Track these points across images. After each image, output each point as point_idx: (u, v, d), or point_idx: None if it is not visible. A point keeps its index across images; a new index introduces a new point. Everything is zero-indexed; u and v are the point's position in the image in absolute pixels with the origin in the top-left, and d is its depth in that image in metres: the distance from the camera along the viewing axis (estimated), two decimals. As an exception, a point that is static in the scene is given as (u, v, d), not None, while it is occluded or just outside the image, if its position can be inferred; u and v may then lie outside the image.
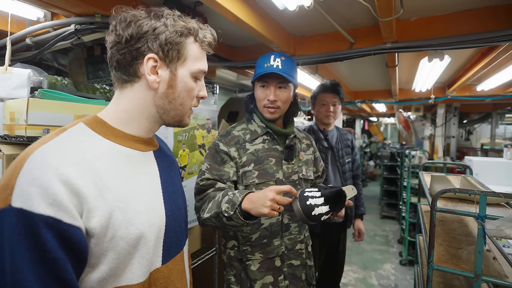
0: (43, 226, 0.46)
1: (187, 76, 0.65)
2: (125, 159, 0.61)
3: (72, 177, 0.50)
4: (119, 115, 0.64)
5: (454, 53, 2.12)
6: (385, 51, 1.59)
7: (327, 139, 1.85)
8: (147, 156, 0.67)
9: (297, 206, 0.91)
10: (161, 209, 0.65)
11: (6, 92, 1.20)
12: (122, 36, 0.60)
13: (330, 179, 1.83)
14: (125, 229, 0.56)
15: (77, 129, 0.59)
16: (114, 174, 0.57)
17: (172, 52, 0.62)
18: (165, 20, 0.61)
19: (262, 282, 1.09)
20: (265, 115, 1.14)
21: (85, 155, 0.55)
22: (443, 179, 1.41)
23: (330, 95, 1.82)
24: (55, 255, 0.47)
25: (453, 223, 1.49)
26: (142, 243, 0.59)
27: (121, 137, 0.63)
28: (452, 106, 4.83)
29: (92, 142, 0.58)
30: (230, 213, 0.90)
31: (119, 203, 0.56)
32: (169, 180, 0.71)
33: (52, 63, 2.16)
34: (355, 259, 3.51)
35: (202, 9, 1.53)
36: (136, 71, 0.62)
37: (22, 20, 1.43)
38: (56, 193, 0.48)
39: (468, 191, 0.99)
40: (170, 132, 1.52)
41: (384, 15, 1.25)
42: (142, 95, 0.64)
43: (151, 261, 0.62)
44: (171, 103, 0.65)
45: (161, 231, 0.65)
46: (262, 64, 1.11)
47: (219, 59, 1.92)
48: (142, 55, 0.60)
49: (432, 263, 1.03)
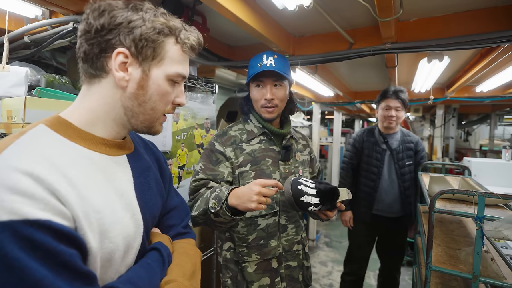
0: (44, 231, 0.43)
1: (161, 78, 0.59)
2: (95, 165, 0.55)
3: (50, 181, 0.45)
4: (85, 115, 0.58)
5: (453, 54, 2.12)
6: (385, 52, 1.59)
7: (386, 142, 2.01)
8: (119, 161, 0.61)
9: (288, 187, 0.91)
10: (138, 218, 0.60)
11: (3, 90, 1.19)
12: (92, 25, 0.54)
13: (384, 179, 1.99)
14: (101, 243, 0.51)
15: (38, 132, 0.53)
16: (86, 183, 0.51)
17: (147, 49, 0.56)
18: (144, 14, 0.56)
19: (258, 284, 1.08)
20: (264, 116, 1.13)
21: (53, 161, 0.48)
22: (442, 180, 1.42)
23: (392, 100, 1.96)
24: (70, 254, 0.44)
25: (452, 224, 1.49)
26: (117, 257, 0.54)
27: (89, 140, 0.57)
28: (451, 107, 4.84)
29: (57, 146, 0.52)
30: (217, 209, 0.88)
31: (95, 215, 0.50)
32: (145, 187, 0.65)
33: (50, 62, 2.16)
34: (353, 259, 3.51)
35: (201, 8, 1.53)
36: (104, 66, 0.56)
37: (20, 18, 1.43)
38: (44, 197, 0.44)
39: (466, 192, 0.99)
40: (168, 131, 1.52)
41: (383, 15, 1.25)
42: (109, 93, 0.58)
43: (120, 273, 0.57)
44: (141, 106, 0.59)
45: (136, 241, 0.59)
46: (255, 64, 1.10)
47: (218, 59, 1.91)
48: (112, 49, 0.55)
49: (430, 264, 1.03)
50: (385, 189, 2.00)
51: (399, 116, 1.98)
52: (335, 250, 3.75)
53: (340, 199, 0.98)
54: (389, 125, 2.01)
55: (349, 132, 7.50)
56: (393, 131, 2.05)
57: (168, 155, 1.54)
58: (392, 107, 1.97)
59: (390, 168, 2.00)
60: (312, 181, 0.97)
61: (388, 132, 2.05)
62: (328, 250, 3.77)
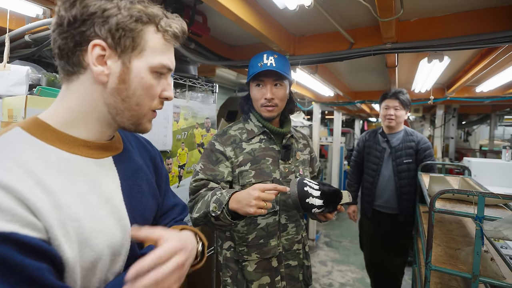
0: (9, 244, 0.40)
1: (144, 70, 0.54)
2: (76, 170, 0.52)
3: (20, 190, 0.43)
4: (64, 115, 0.54)
5: (453, 54, 2.12)
6: (385, 52, 1.59)
7: (387, 141, 2.10)
8: (103, 163, 0.57)
9: (294, 188, 0.91)
10: (125, 224, 0.56)
11: (4, 89, 1.19)
12: (64, 18, 0.50)
13: (382, 176, 2.10)
14: (80, 252, 0.48)
15: (12, 135, 0.49)
16: (63, 189, 0.48)
17: (125, 40, 0.52)
18: (119, 1, 0.52)
19: (258, 283, 1.08)
20: (264, 114, 1.13)
21: (26, 166, 0.46)
22: (442, 180, 1.42)
23: (392, 100, 2.06)
24: (37, 268, 0.41)
25: (451, 224, 1.49)
26: (101, 265, 0.52)
27: (69, 143, 0.53)
28: (451, 107, 4.84)
29: (32, 149, 0.49)
30: (218, 213, 0.89)
31: (73, 223, 0.47)
32: (134, 189, 0.61)
33: (51, 61, 2.15)
34: (353, 259, 3.51)
35: (202, 8, 1.53)
36: (80, 61, 0.52)
37: (21, 17, 1.43)
38: (11, 207, 0.41)
39: (466, 192, 0.99)
40: (169, 130, 1.52)
41: (384, 15, 1.25)
42: (89, 90, 0.53)
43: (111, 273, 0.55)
44: (125, 101, 0.55)
45: (124, 247, 0.56)
46: (256, 63, 1.10)
47: (219, 58, 1.91)
48: (87, 41, 0.50)
49: (430, 264, 1.03)
50: (383, 186, 2.11)
51: (398, 115, 2.06)
52: (335, 250, 3.76)
53: (342, 202, 0.99)
54: (389, 124, 2.10)
55: (349, 132, 7.51)
56: (395, 130, 2.12)
57: (169, 154, 1.54)
58: (391, 106, 2.07)
59: (389, 165, 2.09)
60: (316, 182, 0.97)
61: (390, 132, 2.13)
62: (328, 249, 3.77)
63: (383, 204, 2.11)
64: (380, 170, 2.11)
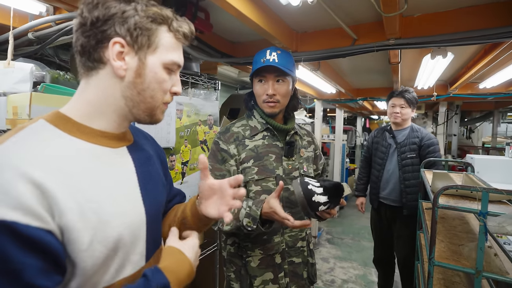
0: (6, 233, 0.42)
1: (158, 66, 0.60)
2: (95, 158, 0.57)
3: (38, 175, 0.46)
4: (85, 109, 0.59)
5: (457, 50, 2.11)
6: (388, 48, 1.59)
7: (393, 137, 2.21)
8: (119, 152, 0.62)
9: (299, 189, 0.91)
10: (140, 208, 0.62)
11: (9, 87, 1.20)
12: (87, 18, 0.55)
13: (386, 170, 2.23)
14: (102, 232, 0.52)
15: (37, 127, 0.54)
16: (83, 174, 0.53)
17: (142, 38, 0.57)
18: (136, 4, 0.58)
19: (262, 278, 1.09)
20: (265, 110, 1.13)
21: (49, 154, 0.50)
22: (445, 176, 1.41)
23: (397, 99, 2.16)
24: (21, 263, 0.43)
25: (454, 220, 1.49)
26: (122, 245, 0.56)
27: (89, 134, 0.58)
28: (454, 104, 4.81)
29: (55, 140, 0.53)
30: (253, 227, 0.98)
31: (92, 205, 0.52)
32: (147, 176, 0.67)
33: (53, 59, 2.16)
34: (355, 256, 3.52)
35: (204, 4, 1.53)
36: (101, 57, 0.57)
37: (24, 15, 1.43)
38: (20, 194, 0.44)
39: (470, 188, 0.99)
40: (172, 127, 1.52)
41: (388, 10, 1.24)
42: (108, 84, 0.58)
43: (133, 261, 0.60)
44: (140, 94, 0.60)
45: (142, 230, 0.62)
46: (259, 59, 1.10)
47: (221, 55, 1.91)
48: (108, 39, 0.56)
49: (433, 259, 1.03)
50: (386, 179, 2.24)
51: (403, 112, 2.15)
52: (336, 247, 3.77)
53: (344, 194, 0.99)
54: (394, 121, 2.21)
55: (351, 129, 7.49)
56: (401, 127, 2.21)
57: (172, 151, 1.54)
58: (397, 104, 2.17)
59: (394, 160, 2.20)
60: (315, 180, 0.97)
61: (397, 129, 2.24)
62: (330, 246, 3.78)
63: (386, 196, 2.24)
64: (385, 165, 2.25)
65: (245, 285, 1.10)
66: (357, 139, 7.84)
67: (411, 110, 2.16)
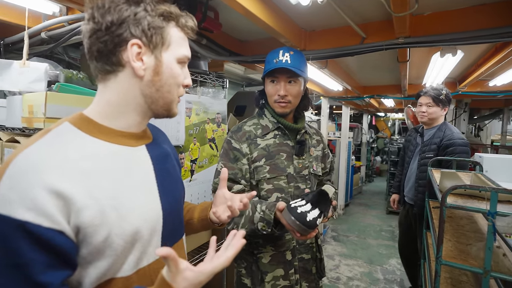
0: (19, 231, 0.46)
1: (172, 61, 0.63)
2: (114, 157, 0.59)
3: (55, 180, 0.49)
4: (105, 110, 0.61)
5: (467, 48, 2.08)
6: (398, 46, 1.58)
7: (421, 136, 2.22)
8: (138, 151, 0.65)
9: (290, 217, 0.91)
10: (157, 203, 0.65)
11: (24, 86, 1.23)
12: (101, 23, 0.56)
13: (409, 169, 2.28)
14: (119, 226, 0.55)
15: (62, 129, 0.58)
16: (102, 173, 0.56)
17: (156, 37, 0.59)
18: (145, 5, 0.59)
19: (272, 274, 1.11)
20: (276, 110, 1.14)
21: (70, 156, 0.53)
22: (453, 176, 1.41)
23: (424, 98, 2.14)
24: (30, 259, 0.46)
25: (462, 219, 1.49)
26: (139, 238, 0.59)
27: (109, 134, 0.60)
28: (462, 101, 4.74)
29: (78, 141, 0.56)
30: (268, 231, 1.01)
31: (111, 201, 0.55)
32: (164, 173, 0.69)
33: (63, 57, 2.20)
34: (360, 253, 3.53)
35: (214, 4, 1.54)
36: (120, 59, 0.59)
37: (37, 15, 1.46)
38: (36, 197, 0.47)
39: (479, 188, 0.99)
40: (181, 126, 1.55)
41: (398, 10, 1.24)
42: (128, 85, 0.61)
43: (149, 253, 0.63)
44: (159, 91, 0.62)
45: (158, 223, 0.64)
46: (271, 59, 1.11)
47: (229, 53, 1.92)
48: (125, 42, 0.57)
49: (440, 258, 1.04)
50: (408, 177, 2.29)
51: (430, 111, 2.12)
52: (342, 244, 3.78)
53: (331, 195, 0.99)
54: (421, 120, 2.21)
55: (357, 126, 7.44)
56: (429, 126, 2.19)
57: (181, 149, 1.57)
58: (423, 103, 2.14)
59: (416, 159, 2.23)
60: (300, 198, 0.97)
61: (426, 128, 2.23)
62: (335, 244, 3.80)
63: (406, 194, 2.33)
64: (410, 163, 2.29)
65: (256, 281, 1.12)
66: (363, 136, 7.79)
67: (440, 108, 2.10)
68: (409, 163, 2.31)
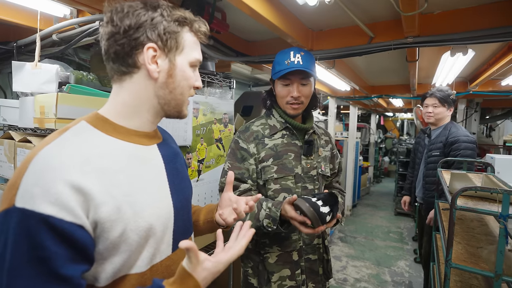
0: (42, 225, 0.47)
1: (185, 65, 0.65)
2: (129, 155, 0.62)
3: (75, 176, 0.51)
4: (120, 110, 0.64)
5: (478, 47, 2.04)
6: (406, 46, 1.56)
7: (428, 136, 2.26)
8: (151, 149, 0.67)
9: (306, 205, 0.94)
10: (169, 200, 0.67)
11: (36, 87, 1.26)
12: (120, 27, 0.59)
13: (420, 169, 2.29)
14: (134, 222, 0.57)
15: (79, 128, 0.60)
16: (119, 170, 0.58)
17: (171, 41, 0.62)
18: (162, 10, 0.62)
19: (279, 274, 1.11)
20: (288, 112, 1.14)
21: (88, 153, 0.55)
22: (464, 177, 1.39)
23: (430, 99, 2.17)
24: (53, 252, 0.47)
25: (472, 221, 1.46)
26: (152, 234, 0.61)
27: (124, 133, 0.63)
28: (473, 101, 4.65)
29: (94, 139, 0.59)
30: (274, 228, 1.01)
31: (126, 198, 0.57)
32: (174, 172, 0.71)
33: (73, 58, 2.24)
34: (368, 255, 3.50)
35: (221, 5, 1.54)
36: (136, 62, 0.61)
37: (49, 17, 1.49)
38: (58, 192, 0.49)
39: (491, 190, 0.97)
40: (189, 126, 1.56)
41: (407, 9, 1.22)
42: (142, 86, 0.63)
43: (161, 250, 0.65)
44: (172, 92, 0.65)
45: (170, 221, 0.67)
46: (282, 61, 1.10)
47: (236, 54, 1.93)
48: (141, 45, 0.60)
49: (450, 261, 1.02)
50: (418, 178, 2.33)
51: (436, 112, 2.15)
52: (349, 245, 3.75)
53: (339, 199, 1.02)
54: (428, 121, 2.24)
55: (365, 126, 7.36)
56: (436, 126, 2.22)
57: (189, 149, 1.58)
58: (429, 104, 2.17)
59: (423, 159, 2.26)
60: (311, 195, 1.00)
61: (433, 128, 2.26)
62: (343, 245, 3.77)
63: (417, 194, 2.34)
64: (419, 164, 2.32)
65: (262, 281, 1.13)
66: (371, 136, 7.70)
67: (445, 108, 2.13)
68: (419, 164, 2.33)
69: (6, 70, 2.03)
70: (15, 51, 1.67)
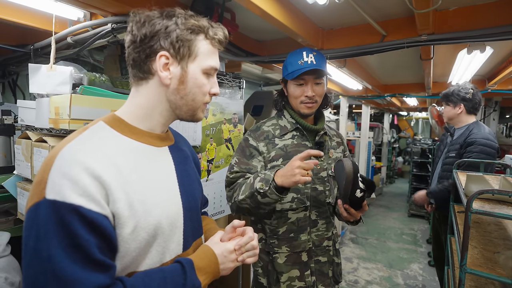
0: (74, 214, 0.50)
1: (198, 72, 0.67)
2: (142, 154, 0.65)
3: (98, 170, 0.54)
4: (135, 112, 0.67)
5: (497, 44, 1.96)
6: (420, 44, 1.52)
7: (451, 135, 2.23)
8: (162, 151, 0.70)
9: (349, 163, 0.95)
10: (178, 201, 0.69)
11: (51, 88, 1.29)
12: (137, 36, 0.63)
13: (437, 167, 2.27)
14: (144, 220, 0.60)
15: (97, 127, 0.64)
16: (132, 169, 0.61)
17: (183, 49, 0.64)
18: (177, 19, 0.64)
19: (288, 275, 1.11)
20: (303, 111, 1.14)
21: (106, 151, 0.59)
22: (480, 179, 1.34)
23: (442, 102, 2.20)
24: (86, 240, 0.50)
25: (490, 225, 1.41)
26: (160, 233, 0.63)
27: (138, 134, 0.66)
28: (492, 100, 4.48)
29: (111, 139, 0.62)
30: (265, 189, 0.96)
31: (138, 196, 0.60)
32: (184, 174, 0.74)
33: (88, 59, 2.29)
34: (380, 257, 3.43)
35: (230, 5, 1.55)
36: (150, 68, 0.65)
37: (63, 21, 1.53)
38: (85, 184, 0.52)
39: (508, 193, 0.94)
40: (198, 126, 1.57)
41: (420, 6, 1.19)
42: (155, 91, 0.67)
43: (171, 249, 0.66)
44: (183, 98, 0.68)
45: (179, 221, 0.69)
46: (295, 61, 1.10)
47: (246, 54, 1.93)
48: (155, 53, 0.63)
49: (465, 266, 0.99)
50: (434, 178, 2.32)
51: (443, 111, 2.20)
52: (360, 247, 3.69)
53: (372, 196, 1.00)
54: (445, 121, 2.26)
55: (378, 126, 7.23)
56: (458, 126, 2.16)
57: (198, 150, 1.59)
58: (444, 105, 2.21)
59: (441, 158, 2.24)
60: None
61: (457, 128, 2.20)
62: (354, 246, 3.72)
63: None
64: (437, 163, 2.32)
65: (272, 281, 1.13)
66: (384, 136, 7.55)
67: (451, 107, 2.10)
68: (437, 163, 2.31)
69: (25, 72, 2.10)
70: (32, 54, 1.72)
